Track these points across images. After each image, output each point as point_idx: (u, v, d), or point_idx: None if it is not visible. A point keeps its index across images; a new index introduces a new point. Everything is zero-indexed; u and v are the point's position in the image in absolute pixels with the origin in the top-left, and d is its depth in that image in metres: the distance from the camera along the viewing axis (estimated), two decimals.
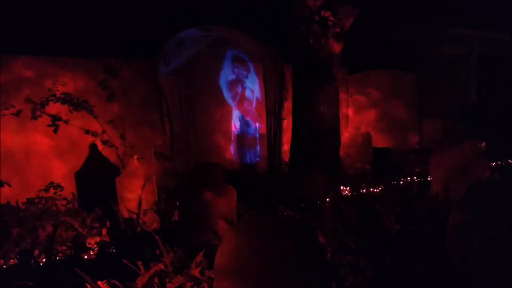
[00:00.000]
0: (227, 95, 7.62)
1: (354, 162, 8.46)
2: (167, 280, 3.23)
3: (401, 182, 7.67)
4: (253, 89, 7.69)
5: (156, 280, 3.18)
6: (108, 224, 5.74)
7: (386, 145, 10.22)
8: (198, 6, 7.27)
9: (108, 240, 5.13)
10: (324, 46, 6.42)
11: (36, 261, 4.87)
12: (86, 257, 4.85)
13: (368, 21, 8.25)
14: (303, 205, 5.47)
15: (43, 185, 6.36)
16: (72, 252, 5.11)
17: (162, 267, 3.25)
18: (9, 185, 6.21)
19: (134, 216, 5.18)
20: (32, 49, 6.41)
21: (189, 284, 3.03)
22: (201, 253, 3.41)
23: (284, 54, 7.39)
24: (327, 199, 5.24)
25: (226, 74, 7.63)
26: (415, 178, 7.97)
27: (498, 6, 10.70)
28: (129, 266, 3.47)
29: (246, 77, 7.64)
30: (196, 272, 3.19)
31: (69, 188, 6.71)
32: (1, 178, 6.14)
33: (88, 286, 2.77)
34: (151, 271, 3.01)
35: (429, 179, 7.99)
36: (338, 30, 6.48)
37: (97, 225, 5.81)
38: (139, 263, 3.26)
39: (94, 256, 4.86)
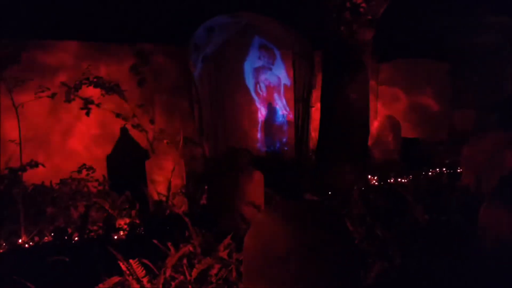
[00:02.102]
0: (255, 82, 7.62)
1: (382, 152, 8.37)
2: (196, 261, 3.29)
3: (430, 173, 7.55)
4: (282, 76, 7.66)
5: (184, 261, 3.25)
6: (137, 206, 5.89)
7: (416, 136, 10.05)
8: None
9: (137, 221, 5.26)
10: (355, 33, 6.33)
11: (69, 239, 5.03)
12: (116, 237, 4.98)
13: (402, 9, 8.07)
14: (330, 193, 5.46)
15: (75, 167, 6.53)
16: (103, 232, 5.27)
17: (191, 248, 3.32)
18: (43, 165, 6.36)
19: (164, 199, 5.28)
20: (66, 34, 6.55)
21: (217, 266, 3.08)
22: (229, 236, 3.46)
23: (313, 41, 7.32)
24: (355, 188, 5.20)
25: (254, 61, 7.62)
26: (444, 169, 7.84)
27: None
28: (158, 247, 3.56)
29: (273, 64, 7.61)
30: (224, 254, 3.24)
31: (100, 170, 6.86)
32: (36, 159, 6.35)
33: (120, 264, 2.85)
34: (180, 252, 3.08)
35: (459, 170, 7.86)
36: (370, 17, 6.36)
37: (127, 206, 5.96)
38: (169, 244, 3.34)
39: (124, 236, 5.00)
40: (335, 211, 2.59)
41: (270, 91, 7.51)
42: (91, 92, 6.70)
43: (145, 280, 2.83)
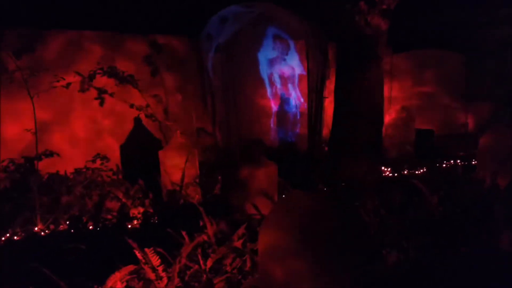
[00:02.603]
0: (268, 72, 7.58)
1: (396, 143, 8.31)
2: (210, 250, 3.31)
3: (444, 165, 7.48)
4: (296, 66, 7.61)
5: (199, 250, 3.27)
6: (150, 195, 5.94)
7: (430, 127, 9.96)
8: None
9: (151, 211, 5.30)
10: (370, 24, 6.26)
11: (84, 228, 5.09)
12: (130, 226, 5.02)
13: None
14: (343, 184, 5.44)
15: (89, 157, 6.59)
16: (117, 221, 5.32)
17: (205, 238, 3.34)
18: (58, 155, 6.48)
19: (177, 188, 5.30)
20: (81, 24, 6.57)
21: (231, 256, 3.09)
22: (243, 226, 3.47)
23: (328, 32, 7.26)
24: (369, 179, 5.18)
25: (268, 51, 7.57)
26: (458, 161, 7.76)
27: None
28: (172, 236, 3.59)
29: (287, 54, 7.55)
30: (238, 244, 3.25)
31: (114, 160, 6.92)
32: (51, 149, 6.42)
33: (136, 252, 2.87)
34: (195, 242, 3.10)
35: (473, 163, 7.78)
36: (384, 6, 6.28)
37: (140, 196, 6.00)
38: (184, 233, 3.35)
39: (138, 225, 5.04)
40: (350, 202, 2.57)
41: (284, 81, 7.46)
42: (105, 82, 6.76)
43: (160, 269, 2.85)
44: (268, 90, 7.47)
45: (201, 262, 3.06)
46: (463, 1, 10.29)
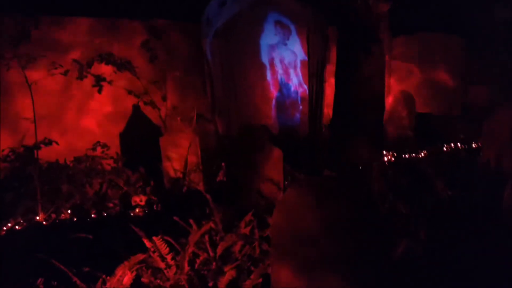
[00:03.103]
0: (268, 57, 7.48)
1: (396, 127, 8.28)
2: (217, 238, 3.28)
3: (445, 148, 7.48)
4: (297, 51, 7.51)
5: (206, 237, 3.23)
6: (152, 183, 5.90)
7: (429, 111, 9.93)
8: None
9: (154, 198, 5.26)
10: (371, 7, 6.18)
11: (86, 217, 5.06)
12: (133, 214, 4.99)
13: None
14: (348, 169, 5.42)
15: (89, 145, 6.53)
16: (120, 209, 5.29)
17: (212, 225, 3.30)
18: (57, 143, 6.39)
19: (180, 175, 5.26)
20: (79, 10, 6.46)
21: (239, 243, 3.06)
22: (250, 213, 3.44)
23: (327, 15, 7.17)
24: (374, 164, 5.15)
25: (268, 35, 7.44)
26: (459, 144, 7.76)
27: None
28: (177, 223, 3.54)
29: (288, 39, 7.45)
30: (246, 231, 3.22)
31: (114, 147, 6.85)
32: (50, 137, 6.35)
33: (145, 241, 2.83)
34: (203, 229, 3.06)
35: (473, 145, 7.79)
36: None
37: (141, 183, 5.97)
38: (191, 220, 3.32)
39: (141, 213, 5.01)
40: (363, 187, 2.53)
41: (285, 66, 7.36)
42: (103, 69, 6.65)
43: (169, 257, 2.81)
44: (269, 75, 7.37)
45: (210, 250, 3.03)
46: None
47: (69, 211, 5.25)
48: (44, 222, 4.96)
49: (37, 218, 4.97)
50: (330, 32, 7.42)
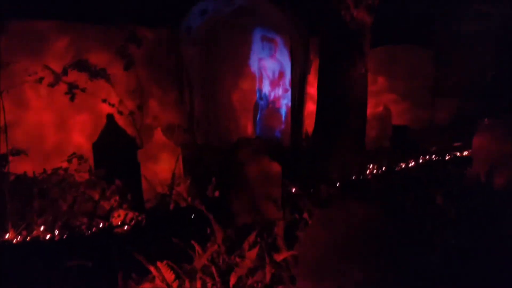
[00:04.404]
0: (250, 66, 7.34)
1: (373, 139, 8.31)
2: (220, 260, 3.08)
3: (421, 160, 7.55)
4: (276, 61, 7.42)
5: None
6: (129, 197, 5.61)
7: (400, 122, 10.06)
8: None
9: (136, 213, 4.97)
10: (356, 18, 6.16)
11: (62, 233, 4.72)
12: (115, 231, 4.68)
13: None
14: (338, 183, 5.33)
15: (60, 156, 6.16)
16: (96, 225, 4.97)
17: (216, 247, 3.09)
18: (25, 153, 6.02)
19: (160, 190, 5.00)
20: (52, 14, 6.09)
21: (248, 267, 2.86)
22: (254, 233, 3.25)
23: (309, 25, 7.12)
24: (367, 177, 5.09)
25: (248, 45, 7.33)
26: (434, 156, 7.87)
27: None
28: (167, 243, 3.30)
29: (269, 49, 7.34)
30: (252, 254, 3.02)
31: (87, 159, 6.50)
32: (18, 147, 5.95)
33: (152, 268, 2.59)
34: (208, 253, 2.85)
35: (447, 158, 7.93)
36: (370, 2, 6.21)
37: (117, 197, 5.67)
38: (194, 242, 3.08)
39: (123, 230, 4.70)
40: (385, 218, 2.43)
41: (267, 76, 7.26)
42: (76, 76, 6.31)
43: (175, 285, 2.59)
44: (251, 84, 7.24)
45: (216, 275, 2.81)
46: None
47: (41, 228, 4.87)
48: (14, 241, 4.59)
49: (6, 236, 4.58)
50: (311, 42, 7.37)
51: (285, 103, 7.37)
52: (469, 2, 10.66)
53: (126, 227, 4.56)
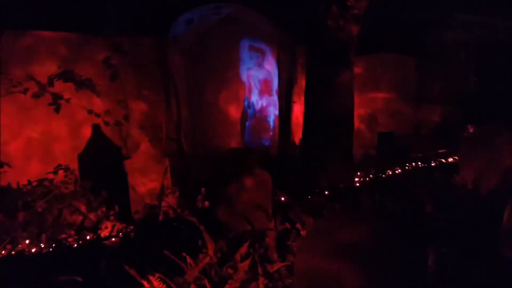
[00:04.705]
0: (235, 75, 7.33)
1: (360, 147, 8.36)
2: (213, 272, 3.04)
3: (407, 167, 7.62)
4: (263, 70, 7.43)
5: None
6: (116, 208, 5.53)
7: (386, 129, 10.14)
8: None
9: (124, 225, 4.91)
10: (343, 28, 6.22)
11: (48, 247, 4.62)
12: (107, 243, 4.61)
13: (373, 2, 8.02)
14: (327, 192, 5.33)
15: (44, 167, 6.05)
16: (84, 237, 4.88)
17: (208, 259, 3.05)
18: (9, 165, 5.92)
19: (153, 201, 4.95)
20: (37, 24, 6.02)
21: (240, 279, 2.83)
22: (246, 245, 3.22)
23: (296, 35, 7.16)
24: (356, 185, 5.10)
25: (235, 54, 7.33)
26: (419, 163, 7.96)
27: None
28: (156, 255, 3.25)
29: (256, 58, 7.35)
30: (244, 265, 2.99)
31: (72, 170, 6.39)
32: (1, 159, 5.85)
33: (145, 283, 2.55)
34: (201, 265, 2.81)
35: (432, 164, 8.02)
36: (356, 11, 6.28)
37: (104, 209, 5.59)
38: (185, 255, 3.05)
39: (111, 243, 4.62)
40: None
41: (254, 86, 7.26)
42: (62, 86, 6.24)
43: None
44: (238, 94, 7.23)
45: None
46: (415, 5, 10.61)
47: (27, 241, 4.77)
48: None
49: None
50: (298, 51, 7.41)
51: (272, 112, 7.37)
52: (452, 11, 10.84)
53: (114, 239, 4.46)
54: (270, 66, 7.28)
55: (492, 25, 11.65)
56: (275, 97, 7.30)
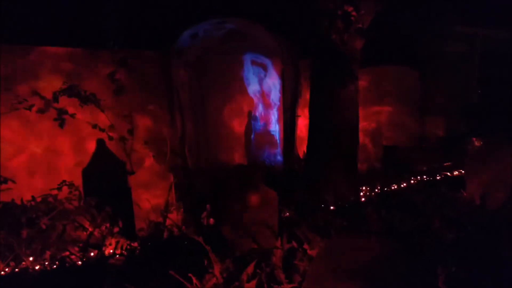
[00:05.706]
0: (239, 90, 7.34)
1: (365, 161, 8.32)
2: None
3: (413, 181, 7.57)
4: (267, 84, 7.43)
5: None
6: (120, 224, 5.50)
7: (390, 142, 10.10)
8: None
9: (128, 242, 4.87)
10: (347, 42, 6.22)
11: (52, 264, 4.59)
12: (111, 262, 4.56)
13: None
14: (333, 207, 5.29)
15: (49, 183, 6.03)
16: (88, 255, 4.84)
17: (214, 280, 3.01)
18: (13, 181, 5.89)
19: (158, 218, 4.90)
20: (42, 39, 6.04)
21: None
22: (253, 264, 3.18)
23: (300, 48, 7.16)
24: (362, 201, 5.06)
25: (239, 68, 7.34)
26: (425, 177, 7.90)
27: (500, 4, 10.65)
28: (164, 274, 3.22)
29: (260, 72, 7.36)
30: (251, 285, 2.95)
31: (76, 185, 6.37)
32: (5, 175, 5.83)
33: None
34: (207, 286, 2.77)
35: (438, 178, 7.96)
36: (360, 25, 6.28)
37: (108, 225, 5.55)
38: (191, 275, 3.01)
39: (116, 262, 4.58)
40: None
41: (256, 100, 7.25)
42: (67, 101, 6.25)
43: None
44: (242, 107, 7.22)
45: None
46: (418, 17, 10.63)
47: (30, 258, 4.74)
48: (2, 273, 4.45)
49: None
50: (301, 65, 7.41)
51: (276, 126, 7.35)
52: (455, 24, 10.86)
53: (119, 257, 4.42)
54: (274, 80, 7.28)
55: (495, 37, 11.68)
56: (279, 111, 7.28)
